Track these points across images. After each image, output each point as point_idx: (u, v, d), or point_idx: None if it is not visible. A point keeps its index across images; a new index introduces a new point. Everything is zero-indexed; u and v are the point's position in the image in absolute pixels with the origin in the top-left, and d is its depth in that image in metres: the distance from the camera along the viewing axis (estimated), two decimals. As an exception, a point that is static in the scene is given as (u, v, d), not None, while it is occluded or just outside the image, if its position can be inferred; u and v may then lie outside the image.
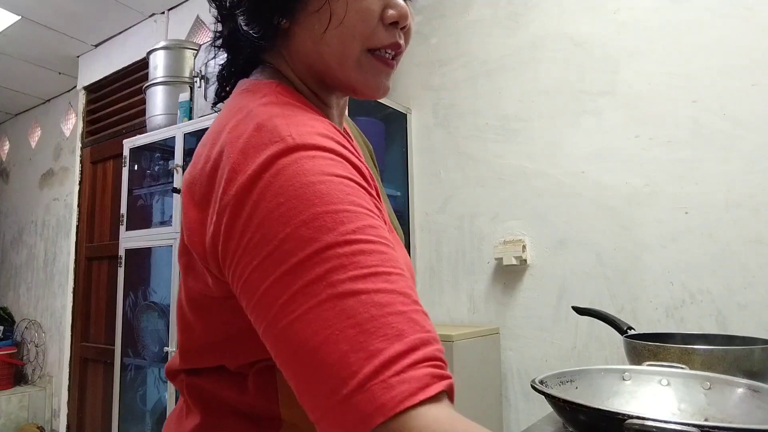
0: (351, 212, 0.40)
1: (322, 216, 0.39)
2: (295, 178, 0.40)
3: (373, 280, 0.37)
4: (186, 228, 0.47)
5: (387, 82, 0.56)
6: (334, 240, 0.38)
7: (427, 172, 1.98)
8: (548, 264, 1.66)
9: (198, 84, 2.11)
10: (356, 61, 0.52)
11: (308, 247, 0.38)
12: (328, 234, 0.38)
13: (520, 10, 1.80)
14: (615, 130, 1.57)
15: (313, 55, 0.53)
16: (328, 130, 0.46)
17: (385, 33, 0.52)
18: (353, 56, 0.52)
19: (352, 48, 0.51)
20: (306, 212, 0.39)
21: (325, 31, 0.51)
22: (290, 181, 0.40)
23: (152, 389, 2.33)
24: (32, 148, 4.14)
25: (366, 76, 0.53)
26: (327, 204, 0.39)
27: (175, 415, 0.59)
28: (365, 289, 0.37)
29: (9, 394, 3.48)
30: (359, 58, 0.52)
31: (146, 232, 2.28)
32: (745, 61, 1.39)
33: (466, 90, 1.90)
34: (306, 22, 0.52)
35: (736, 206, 1.37)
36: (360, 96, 0.56)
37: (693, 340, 1.10)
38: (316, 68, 0.54)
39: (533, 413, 1.63)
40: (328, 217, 0.39)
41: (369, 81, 0.54)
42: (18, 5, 2.85)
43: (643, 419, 0.53)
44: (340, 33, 0.51)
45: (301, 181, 0.40)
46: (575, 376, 0.81)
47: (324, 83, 0.56)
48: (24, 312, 3.92)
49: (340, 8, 0.50)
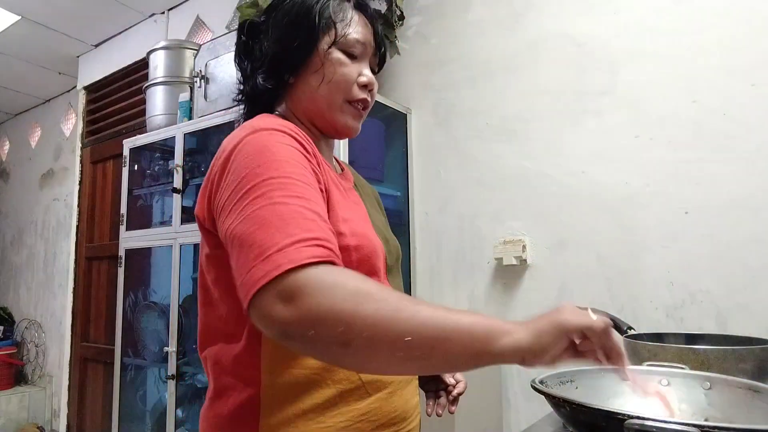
0: (289, 162, 0.61)
1: (270, 162, 0.60)
2: (256, 144, 0.63)
3: (297, 199, 0.57)
4: (198, 204, 0.69)
5: (357, 124, 0.80)
6: (277, 175, 0.59)
7: (427, 172, 1.98)
8: (548, 264, 1.66)
9: (198, 84, 2.11)
10: (339, 107, 0.77)
11: (258, 178, 0.59)
12: (273, 171, 0.59)
13: (520, 10, 1.80)
14: (615, 130, 1.57)
15: (309, 101, 0.77)
16: (287, 124, 0.68)
17: (359, 91, 0.77)
18: (338, 103, 0.76)
19: (337, 98, 0.76)
20: (260, 160, 0.61)
21: (319, 86, 0.75)
22: (253, 146, 0.63)
23: (152, 389, 2.33)
24: (32, 148, 4.14)
25: (345, 118, 0.78)
26: (275, 155, 0.61)
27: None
28: (292, 203, 0.57)
29: (9, 394, 3.48)
30: (342, 105, 0.77)
31: (146, 232, 2.28)
32: (745, 61, 1.39)
33: (466, 90, 1.90)
34: (306, 79, 0.76)
35: (736, 206, 1.37)
36: (338, 135, 0.81)
37: (693, 340, 1.10)
38: (311, 111, 0.78)
39: (533, 413, 1.63)
40: (275, 164, 0.60)
41: (347, 122, 0.78)
42: (18, 5, 2.85)
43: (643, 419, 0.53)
44: (329, 88, 0.75)
45: (260, 144, 0.63)
46: (575, 376, 0.81)
47: (315, 125, 0.79)
48: (24, 312, 3.92)
49: (330, 71, 0.75)
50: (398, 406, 0.73)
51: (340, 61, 0.76)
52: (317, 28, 0.75)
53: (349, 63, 0.76)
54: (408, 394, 0.76)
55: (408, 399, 0.75)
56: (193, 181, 2.17)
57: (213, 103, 2.05)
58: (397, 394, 0.73)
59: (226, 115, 1.95)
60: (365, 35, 0.78)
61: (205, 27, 2.78)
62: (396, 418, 0.72)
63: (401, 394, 0.74)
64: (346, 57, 0.76)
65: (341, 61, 0.76)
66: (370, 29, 0.79)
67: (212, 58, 2.09)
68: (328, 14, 0.76)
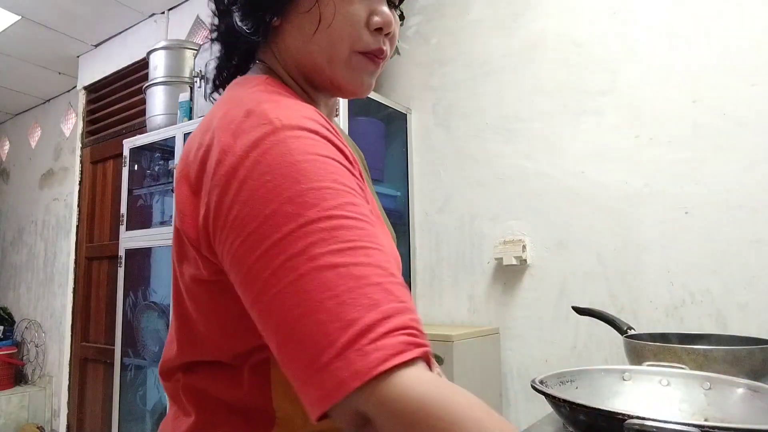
0: (333, 189, 0.42)
1: (305, 193, 0.41)
2: (281, 157, 0.42)
3: (351, 253, 0.39)
4: (179, 213, 0.50)
5: (371, 80, 0.59)
6: (317, 216, 0.40)
7: (427, 172, 1.98)
8: (548, 264, 1.66)
9: (198, 84, 2.11)
10: (345, 60, 0.56)
11: (291, 222, 0.40)
12: (310, 210, 0.40)
13: (520, 10, 1.80)
14: (615, 130, 1.57)
15: (302, 53, 0.56)
16: (312, 114, 0.48)
17: (370, 38, 0.56)
18: (342, 56, 0.55)
19: (340, 49, 0.55)
20: (290, 189, 0.41)
21: (314, 32, 0.54)
22: (276, 160, 0.42)
23: (152, 389, 2.33)
24: (32, 148, 4.14)
25: (353, 74, 0.57)
26: (310, 181, 0.41)
27: (169, 418, 0.60)
28: (343, 263, 0.38)
29: (9, 394, 3.48)
30: (348, 57, 0.56)
31: (146, 232, 2.28)
32: (745, 61, 1.39)
33: (466, 90, 1.90)
34: (296, 21, 0.55)
35: (736, 206, 1.37)
36: (345, 94, 0.60)
37: (693, 340, 1.10)
38: (305, 66, 0.57)
39: (533, 413, 1.63)
40: (311, 194, 0.41)
41: (355, 79, 0.57)
42: (18, 5, 2.85)
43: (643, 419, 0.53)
44: (329, 35, 0.54)
45: (287, 159, 0.42)
46: (575, 376, 0.81)
47: (312, 82, 0.59)
48: (24, 312, 3.92)
49: (329, 11, 0.53)
50: None
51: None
52: None
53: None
54: None
55: None
56: (193, 181, 2.17)
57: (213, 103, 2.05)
58: None
59: (226, 115, 1.95)
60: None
61: (205, 27, 2.78)
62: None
63: None
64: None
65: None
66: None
67: (212, 58, 2.09)
68: None
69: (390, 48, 0.60)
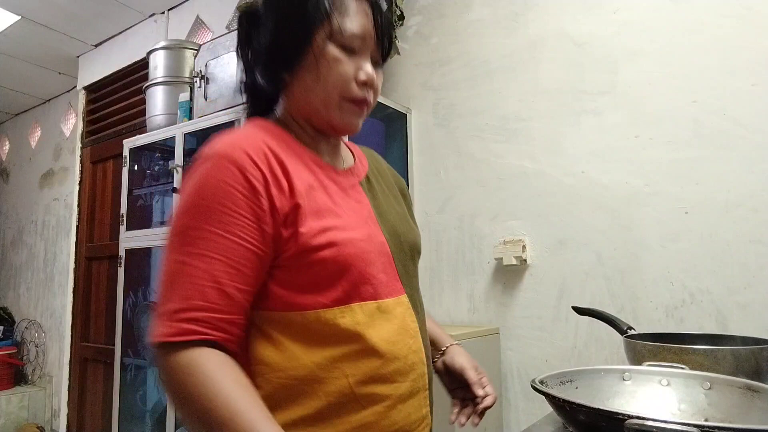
0: (212, 209, 0.63)
1: (198, 209, 0.63)
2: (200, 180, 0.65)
3: (194, 258, 0.61)
4: None
5: (358, 121, 0.75)
6: (198, 226, 0.62)
7: (427, 172, 1.98)
8: (548, 264, 1.66)
9: (198, 84, 2.11)
10: (337, 104, 0.72)
11: (182, 224, 0.64)
12: (195, 222, 0.63)
13: (520, 10, 1.80)
14: (615, 130, 1.57)
15: (305, 101, 0.73)
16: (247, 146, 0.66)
17: (357, 89, 0.72)
18: (335, 101, 0.72)
19: (333, 96, 0.71)
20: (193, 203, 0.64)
21: (314, 85, 0.71)
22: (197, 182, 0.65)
23: (152, 389, 2.33)
24: (32, 148, 4.14)
25: (343, 116, 0.73)
26: (206, 202, 0.63)
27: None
28: (185, 261, 0.62)
29: (9, 394, 3.48)
30: (339, 103, 0.72)
31: (146, 232, 2.28)
32: (745, 61, 1.39)
33: (466, 90, 1.90)
34: (301, 76, 0.72)
35: (736, 206, 1.37)
36: (337, 132, 0.77)
37: (693, 340, 1.10)
38: (307, 111, 0.74)
39: (533, 413, 1.63)
40: (202, 213, 0.63)
41: (345, 119, 0.74)
42: (18, 5, 2.85)
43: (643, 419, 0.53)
44: (325, 86, 0.71)
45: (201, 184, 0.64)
46: (575, 376, 0.81)
47: (313, 124, 0.75)
48: (24, 312, 3.92)
49: (325, 69, 0.70)
50: (397, 420, 0.69)
51: (336, 58, 0.70)
52: (311, 20, 0.70)
53: (346, 59, 0.71)
54: (410, 408, 0.72)
55: (410, 413, 0.71)
56: (193, 181, 2.16)
57: (213, 103, 2.05)
58: (397, 408, 0.69)
59: (226, 115, 1.95)
60: (365, 26, 0.71)
61: (205, 27, 2.78)
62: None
63: (401, 408, 0.70)
64: (343, 52, 0.70)
65: (337, 58, 0.70)
66: (370, 18, 0.72)
67: (212, 58, 2.09)
68: (323, 4, 0.70)
69: (373, 98, 0.75)
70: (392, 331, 0.70)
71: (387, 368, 0.69)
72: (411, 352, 0.72)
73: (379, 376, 0.68)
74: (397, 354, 0.70)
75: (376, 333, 0.68)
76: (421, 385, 0.73)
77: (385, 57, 0.77)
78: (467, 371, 0.84)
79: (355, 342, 0.67)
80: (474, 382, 0.83)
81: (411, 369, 0.71)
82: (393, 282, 0.74)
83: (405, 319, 0.73)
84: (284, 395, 0.66)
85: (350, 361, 0.67)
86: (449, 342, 0.90)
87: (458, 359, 0.86)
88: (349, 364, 0.67)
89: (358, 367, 0.67)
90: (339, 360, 0.67)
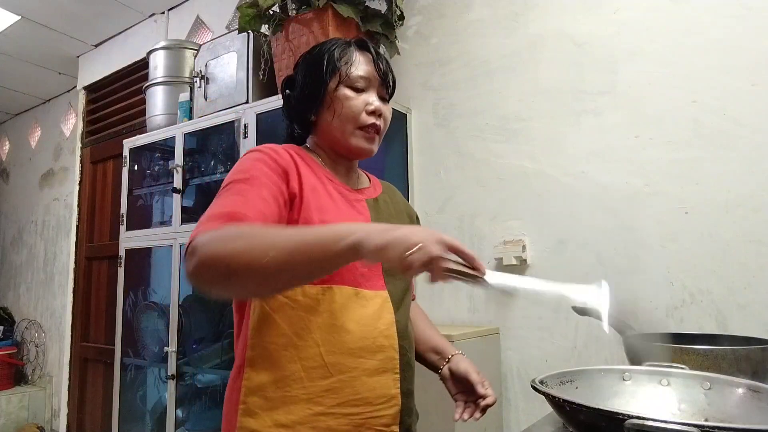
0: (253, 174, 0.80)
1: (241, 172, 0.81)
2: (243, 159, 0.85)
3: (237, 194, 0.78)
4: None
5: (372, 146, 0.93)
6: (240, 178, 0.80)
7: (427, 172, 1.98)
8: (548, 264, 1.66)
9: (198, 84, 2.11)
10: (352, 133, 0.91)
11: (229, 180, 0.81)
12: (239, 176, 0.81)
13: (520, 10, 1.80)
14: (615, 130, 1.57)
15: (327, 133, 0.93)
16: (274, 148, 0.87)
17: (367, 118, 0.90)
18: (350, 131, 0.90)
19: (348, 127, 0.90)
20: (238, 169, 0.82)
21: (332, 120, 0.91)
22: (240, 161, 0.85)
23: (152, 389, 2.33)
24: (32, 148, 4.14)
25: (358, 141, 0.91)
26: (246, 168, 0.82)
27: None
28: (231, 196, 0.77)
29: (9, 394, 3.48)
30: (354, 131, 0.91)
31: (146, 232, 2.28)
32: (745, 61, 1.39)
33: (466, 90, 1.90)
34: (323, 116, 0.92)
35: (736, 206, 1.37)
36: (355, 155, 0.95)
37: (693, 340, 1.10)
38: (329, 140, 0.93)
39: (533, 413, 1.63)
40: (243, 173, 0.81)
41: (360, 144, 0.92)
42: (18, 5, 2.85)
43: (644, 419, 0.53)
44: (341, 120, 0.90)
45: (242, 160, 0.85)
46: (575, 376, 0.81)
47: (336, 152, 0.94)
48: (24, 312, 3.92)
49: (338, 106, 0.90)
50: (361, 391, 0.82)
51: (346, 96, 0.89)
52: (325, 73, 0.90)
53: (355, 96, 0.90)
54: (375, 384, 0.83)
55: (375, 388, 0.83)
56: (193, 181, 2.17)
57: (213, 103, 2.05)
58: (361, 380, 0.82)
59: (226, 115, 1.96)
60: (368, 71, 0.91)
61: (205, 27, 2.78)
62: (359, 401, 0.81)
63: (365, 381, 0.82)
64: (352, 91, 0.90)
65: (347, 96, 0.89)
66: (373, 63, 0.92)
67: (212, 58, 2.09)
68: (333, 60, 0.90)
69: (384, 125, 0.94)
70: (365, 315, 0.84)
71: (354, 344, 0.82)
72: (381, 336, 0.84)
73: (346, 349, 0.81)
74: (366, 334, 0.83)
75: (349, 314, 0.82)
76: (390, 367, 0.85)
77: (390, 94, 0.96)
78: (471, 374, 0.95)
79: (328, 317, 0.81)
80: (477, 382, 0.94)
81: (379, 350, 0.84)
82: (375, 278, 0.87)
83: (381, 309, 0.86)
84: (268, 357, 0.81)
85: (322, 333, 0.81)
86: (454, 351, 1.02)
87: (462, 365, 0.97)
88: (321, 335, 0.81)
89: (328, 339, 0.81)
90: (313, 331, 0.81)
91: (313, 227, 0.71)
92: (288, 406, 0.79)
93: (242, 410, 0.81)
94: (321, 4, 1.76)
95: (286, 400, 0.79)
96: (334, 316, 0.81)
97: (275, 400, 0.79)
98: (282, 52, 1.88)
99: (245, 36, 1.97)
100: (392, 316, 0.87)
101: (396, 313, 0.88)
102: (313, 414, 0.79)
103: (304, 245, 0.65)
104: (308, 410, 0.79)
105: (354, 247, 0.63)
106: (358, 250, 0.64)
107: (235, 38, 2.01)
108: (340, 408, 0.80)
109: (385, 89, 0.94)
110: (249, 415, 0.80)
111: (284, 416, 0.78)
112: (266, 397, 0.80)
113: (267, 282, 0.68)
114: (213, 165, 2.17)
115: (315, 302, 0.81)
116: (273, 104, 1.81)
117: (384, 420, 0.84)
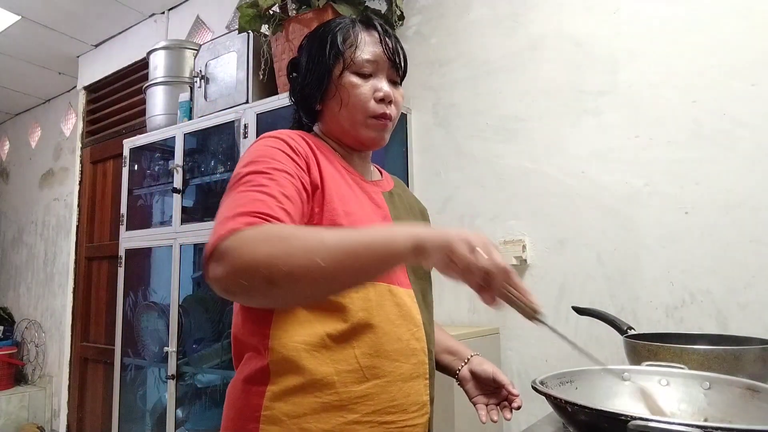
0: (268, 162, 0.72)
1: (255, 161, 0.73)
2: (256, 146, 0.77)
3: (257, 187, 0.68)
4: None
5: (383, 134, 0.85)
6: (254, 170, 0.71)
7: (427, 172, 1.98)
8: (548, 264, 1.66)
9: (198, 84, 2.11)
10: (362, 123, 0.83)
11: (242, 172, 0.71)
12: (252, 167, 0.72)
13: (520, 10, 1.80)
14: (615, 130, 1.57)
15: (335, 124, 0.86)
16: (291, 133, 0.80)
17: (376, 106, 0.83)
18: (359, 120, 0.83)
19: (357, 116, 0.83)
20: (251, 158, 0.74)
21: (339, 110, 0.83)
22: (253, 147, 0.77)
23: (152, 389, 2.33)
24: (32, 148, 4.14)
25: (369, 131, 0.84)
26: (260, 156, 0.74)
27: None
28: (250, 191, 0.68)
29: (9, 394, 3.48)
30: (364, 120, 0.83)
31: (146, 232, 2.28)
32: (745, 61, 1.39)
33: (466, 90, 1.90)
34: (329, 104, 0.85)
35: (736, 206, 1.37)
36: (366, 147, 0.88)
37: (693, 340, 1.10)
38: (338, 132, 0.86)
39: (533, 413, 1.63)
40: (257, 163, 0.72)
41: (371, 134, 0.84)
42: (18, 5, 2.85)
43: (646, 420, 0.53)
44: (348, 109, 0.82)
45: (255, 146, 0.77)
46: (575, 376, 0.81)
47: (343, 143, 0.87)
48: (24, 312, 3.92)
49: (345, 95, 0.82)
50: (397, 396, 0.76)
51: (353, 84, 0.82)
52: (327, 58, 0.83)
53: (362, 83, 0.82)
54: (410, 390, 0.77)
55: (409, 394, 0.77)
56: (193, 181, 2.17)
57: (213, 103, 2.05)
58: (396, 386, 0.76)
59: (226, 115, 1.96)
60: (375, 53, 0.83)
61: (205, 27, 2.78)
62: (395, 408, 0.75)
63: (401, 387, 0.76)
64: (359, 78, 0.82)
65: (353, 84, 0.82)
66: (380, 44, 0.84)
67: (212, 58, 2.09)
68: (336, 43, 0.83)
69: (395, 111, 0.85)
70: (398, 314, 0.78)
71: (390, 346, 0.75)
72: (413, 338, 0.79)
73: (382, 351, 0.75)
74: (400, 336, 0.77)
75: (383, 312, 0.76)
76: (421, 372, 0.80)
77: (402, 75, 0.88)
78: (498, 374, 0.92)
79: (363, 317, 0.74)
80: (507, 383, 0.92)
81: (412, 353, 0.78)
82: (402, 276, 0.81)
83: (411, 309, 0.80)
84: (298, 361, 0.72)
85: (357, 334, 0.74)
86: (471, 352, 0.97)
87: (486, 366, 0.94)
88: (356, 336, 0.74)
89: (363, 340, 0.74)
90: (347, 332, 0.73)
91: (357, 230, 0.63)
92: (319, 413, 0.71)
93: (265, 417, 0.72)
94: (321, 4, 1.76)
95: (317, 407, 0.71)
96: (370, 315, 0.75)
97: (304, 406, 0.72)
98: (282, 52, 1.88)
99: (245, 36, 1.97)
100: (420, 318, 0.81)
101: (423, 315, 0.82)
102: (346, 423, 0.72)
103: (360, 247, 0.59)
104: (341, 418, 0.72)
105: (417, 247, 0.59)
106: (422, 250, 0.59)
107: (235, 38, 2.01)
108: (376, 416, 0.73)
109: (396, 71, 0.86)
110: (273, 423, 0.72)
111: (314, 424, 0.71)
112: (294, 403, 0.72)
113: (313, 289, 0.61)
114: (213, 165, 2.17)
115: (349, 299, 0.74)
116: (273, 104, 1.81)
117: (417, 429, 0.79)
